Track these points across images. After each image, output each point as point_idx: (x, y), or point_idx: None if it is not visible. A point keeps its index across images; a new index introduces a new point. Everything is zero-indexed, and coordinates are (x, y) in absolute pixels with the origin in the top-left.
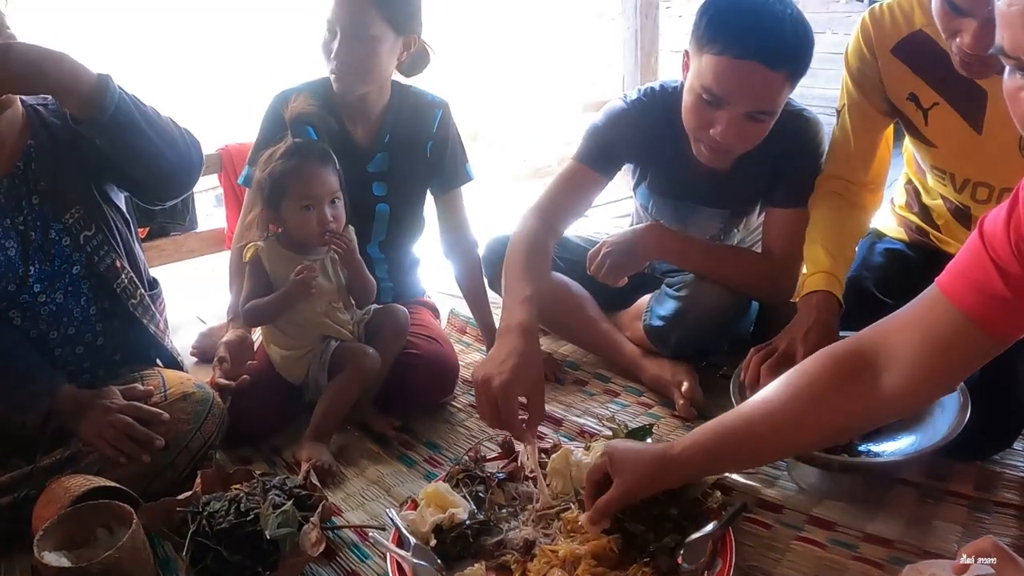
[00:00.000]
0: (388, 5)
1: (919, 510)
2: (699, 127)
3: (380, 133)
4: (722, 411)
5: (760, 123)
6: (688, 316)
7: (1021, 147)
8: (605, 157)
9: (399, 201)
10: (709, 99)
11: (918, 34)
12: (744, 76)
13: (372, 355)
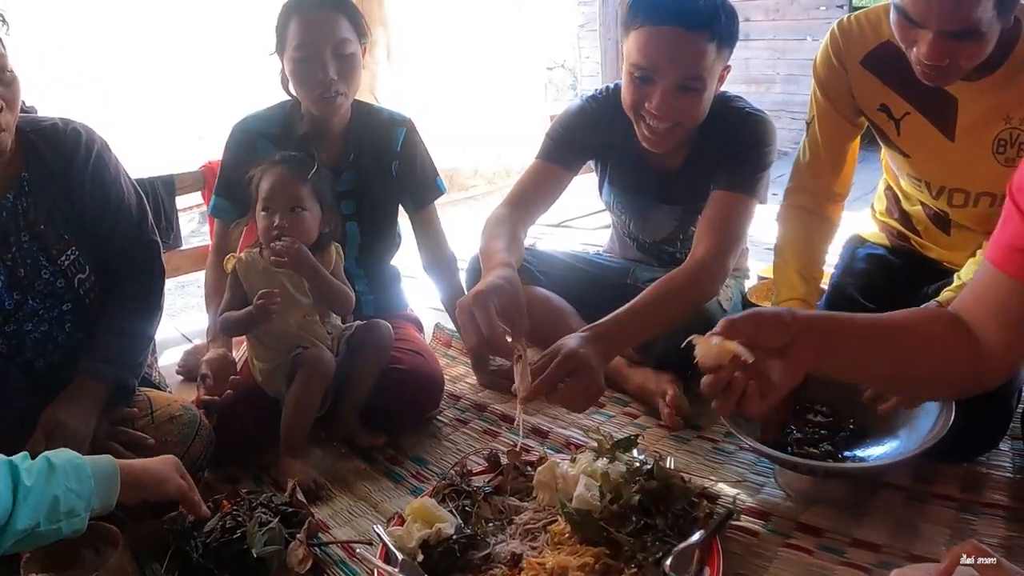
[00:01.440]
0: (353, 13)
1: (906, 514)
2: (635, 105)
3: (344, 152)
4: (708, 419)
5: (693, 93)
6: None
7: (994, 150)
8: (566, 153)
9: (368, 219)
10: (640, 75)
11: (887, 45)
12: (665, 42)
13: (326, 359)
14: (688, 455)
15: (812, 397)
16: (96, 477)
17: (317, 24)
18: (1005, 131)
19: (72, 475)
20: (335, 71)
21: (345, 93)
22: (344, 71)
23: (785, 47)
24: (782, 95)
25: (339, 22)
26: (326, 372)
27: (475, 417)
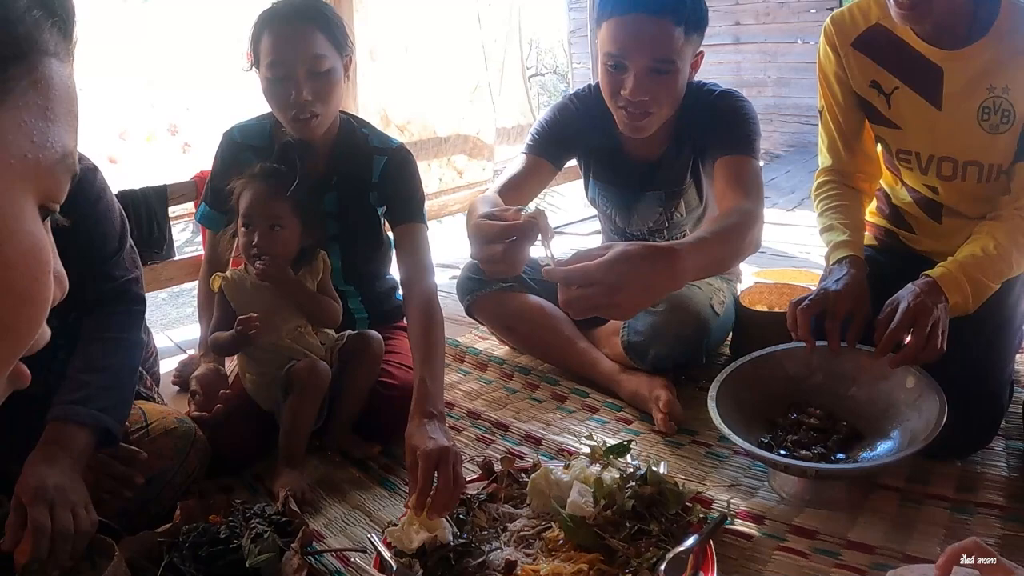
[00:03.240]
0: (329, 26)
1: (901, 514)
2: (612, 94)
3: (328, 172)
4: (702, 424)
5: (665, 75)
6: (666, 331)
7: (979, 118)
8: (550, 147)
9: (351, 240)
10: (613, 64)
11: (876, 27)
12: (633, 29)
13: (321, 369)
14: (682, 460)
15: (805, 400)
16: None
17: (290, 40)
18: (988, 99)
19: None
20: (310, 91)
21: (321, 113)
22: (319, 90)
23: (776, 50)
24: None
25: (314, 37)
26: (322, 383)
27: (469, 425)
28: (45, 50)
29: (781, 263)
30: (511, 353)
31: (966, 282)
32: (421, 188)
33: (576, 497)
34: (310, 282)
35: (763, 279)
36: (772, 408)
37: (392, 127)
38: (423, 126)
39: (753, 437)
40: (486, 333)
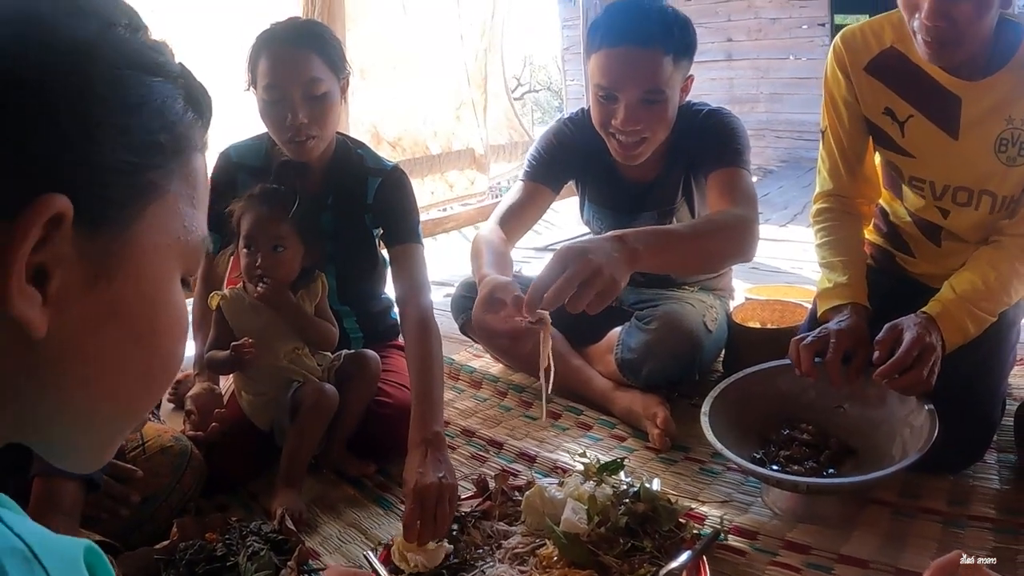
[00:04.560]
0: (326, 49)
1: (894, 528)
2: (603, 124)
3: (324, 192)
4: (695, 441)
5: (656, 105)
6: (659, 348)
7: (996, 149)
8: (547, 173)
9: (346, 260)
10: (604, 95)
11: (890, 51)
12: (623, 61)
13: (329, 393)
14: (676, 476)
15: (798, 416)
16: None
17: (287, 63)
18: (1007, 131)
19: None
20: (306, 114)
21: (317, 136)
22: (316, 113)
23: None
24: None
25: (311, 61)
26: (330, 406)
27: (463, 443)
28: (194, 145)
29: (774, 279)
30: (505, 371)
31: (968, 321)
32: (416, 208)
33: (570, 514)
34: (308, 304)
35: (755, 296)
36: (765, 424)
37: (384, 144)
38: (414, 141)
39: (746, 453)
40: (480, 351)
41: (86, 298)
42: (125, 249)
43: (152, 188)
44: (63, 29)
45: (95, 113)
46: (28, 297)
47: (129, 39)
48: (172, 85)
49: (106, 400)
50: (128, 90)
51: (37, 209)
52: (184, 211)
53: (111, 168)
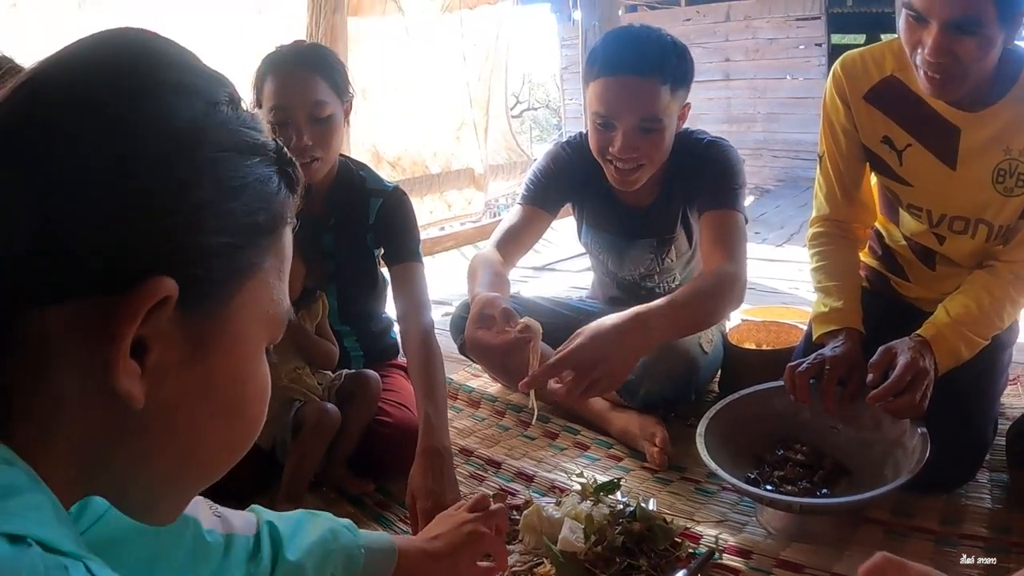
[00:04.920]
0: (331, 72)
1: (887, 547)
2: (601, 150)
3: (326, 214)
4: (691, 461)
5: (653, 133)
6: (656, 369)
7: (994, 180)
8: (544, 196)
9: (347, 280)
10: (602, 123)
11: (890, 79)
12: (621, 89)
13: (331, 412)
14: (671, 496)
15: (792, 437)
16: (367, 566)
17: (292, 86)
18: (1004, 162)
19: (343, 563)
20: (310, 136)
21: (322, 158)
22: (320, 135)
23: (766, 86)
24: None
25: (316, 83)
26: (332, 426)
27: (462, 462)
28: (286, 220)
29: (770, 299)
30: (503, 391)
31: (962, 345)
32: (416, 227)
33: (567, 533)
34: (309, 324)
35: (751, 317)
36: (759, 444)
37: (383, 163)
38: (413, 162)
39: (740, 473)
40: (479, 371)
41: (181, 371)
42: (220, 324)
43: (249, 266)
44: (171, 110)
45: (200, 197)
46: (130, 371)
47: (231, 118)
48: (268, 163)
49: (191, 465)
50: (230, 173)
51: (147, 290)
52: (273, 284)
53: (213, 250)
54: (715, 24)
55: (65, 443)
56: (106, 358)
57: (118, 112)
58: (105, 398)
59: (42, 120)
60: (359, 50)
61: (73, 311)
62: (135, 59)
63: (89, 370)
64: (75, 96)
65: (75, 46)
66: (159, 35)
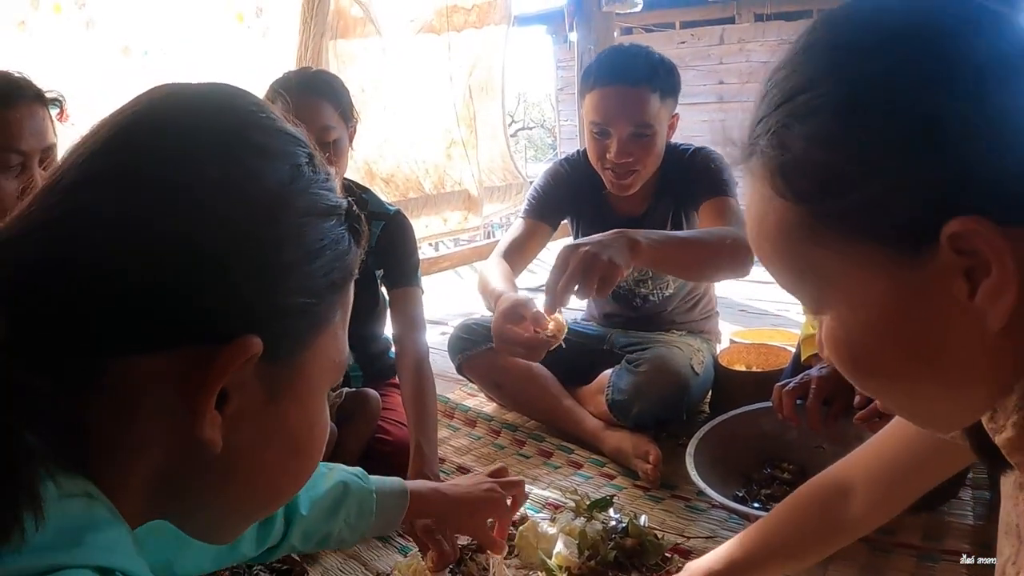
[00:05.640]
0: (337, 98)
1: (870, 562)
2: (598, 158)
3: None
4: (681, 479)
5: (645, 139)
6: (648, 389)
7: None
8: (545, 210)
9: None
10: (598, 131)
11: None
12: (614, 98)
13: (331, 431)
14: (662, 513)
15: (779, 456)
16: (380, 509)
17: (300, 111)
18: None
19: (355, 509)
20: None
21: None
22: (327, 159)
23: None
24: None
25: (323, 109)
26: (331, 443)
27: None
28: (353, 275)
29: (760, 321)
30: (499, 410)
31: None
32: (416, 252)
33: (562, 548)
34: None
35: (741, 339)
36: (748, 463)
37: (377, 180)
38: (406, 178)
39: (729, 491)
40: (475, 390)
41: (257, 417)
42: (294, 374)
43: (322, 321)
44: (261, 175)
45: (286, 260)
46: (212, 420)
47: (311, 180)
48: (341, 223)
49: (258, 498)
50: (311, 236)
51: (237, 348)
52: (339, 335)
53: (295, 309)
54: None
55: (141, 480)
56: (192, 408)
57: (214, 178)
58: (184, 442)
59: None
60: (347, 71)
61: (163, 361)
62: (225, 120)
63: (172, 416)
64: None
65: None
66: (244, 93)
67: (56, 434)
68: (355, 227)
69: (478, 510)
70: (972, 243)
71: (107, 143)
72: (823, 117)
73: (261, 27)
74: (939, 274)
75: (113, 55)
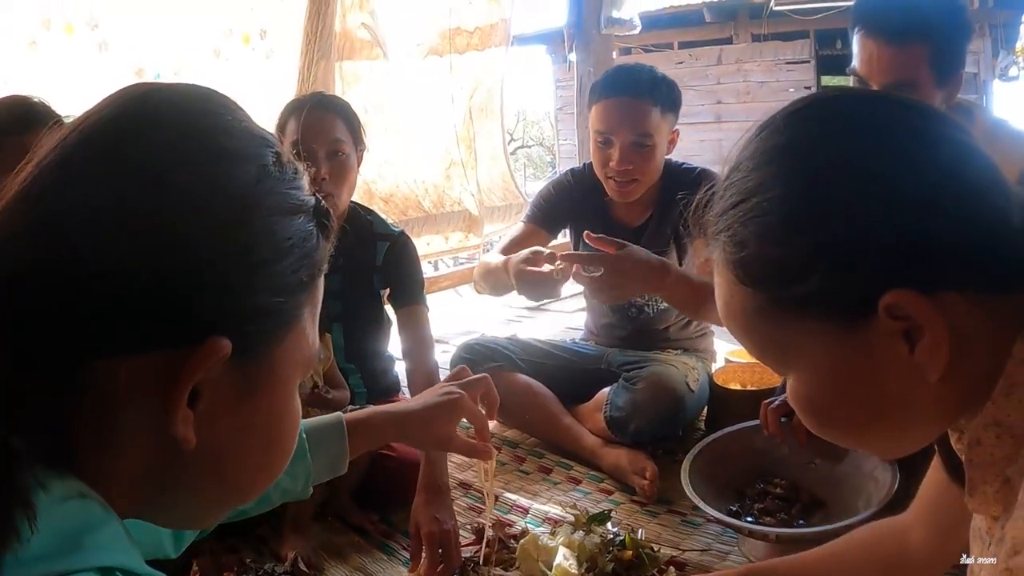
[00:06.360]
0: (349, 118)
1: None
2: (602, 165)
3: (335, 255)
4: (677, 495)
5: (645, 149)
6: (644, 406)
7: None
8: (547, 216)
9: (353, 320)
10: (602, 140)
11: None
12: (618, 109)
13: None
14: (659, 527)
15: (772, 472)
16: (314, 446)
17: (315, 124)
18: None
19: None
20: (327, 170)
21: (336, 194)
22: (336, 172)
23: None
24: None
25: (336, 124)
26: None
27: (461, 495)
28: (322, 270)
29: None
30: (499, 428)
31: None
32: (421, 271)
33: (561, 560)
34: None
35: (736, 359)
36: (741, 479)
37: (376, 199)
38: (405, 197)
39: (723, 506)
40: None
41: (229, 413)
42: (264, 370)
43: (291, 318)
44: (228, 178)
45: (254, 260)
46: (186, 418)
47: (279, 179)
48: (309, 219)
49: (233, 490)
50: (279, 235)
51: (207, 350)
52: (308, 330)
53: (263, 308)
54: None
55: (123, 478)
56: (165, 407)
57: (184, 182)
58: (160, 439)
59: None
60: (351, 92)
61: (137, 364)
62: (195, 124)
63: (148, 415)
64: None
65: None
66: (213, 94)
67: (40, 436)
68: (323, 222)
69: (435, 417)
70: (905, 311)
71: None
72: (773, 218)
73: (265, 49)
74: (881, 338)
75: (125, 78)
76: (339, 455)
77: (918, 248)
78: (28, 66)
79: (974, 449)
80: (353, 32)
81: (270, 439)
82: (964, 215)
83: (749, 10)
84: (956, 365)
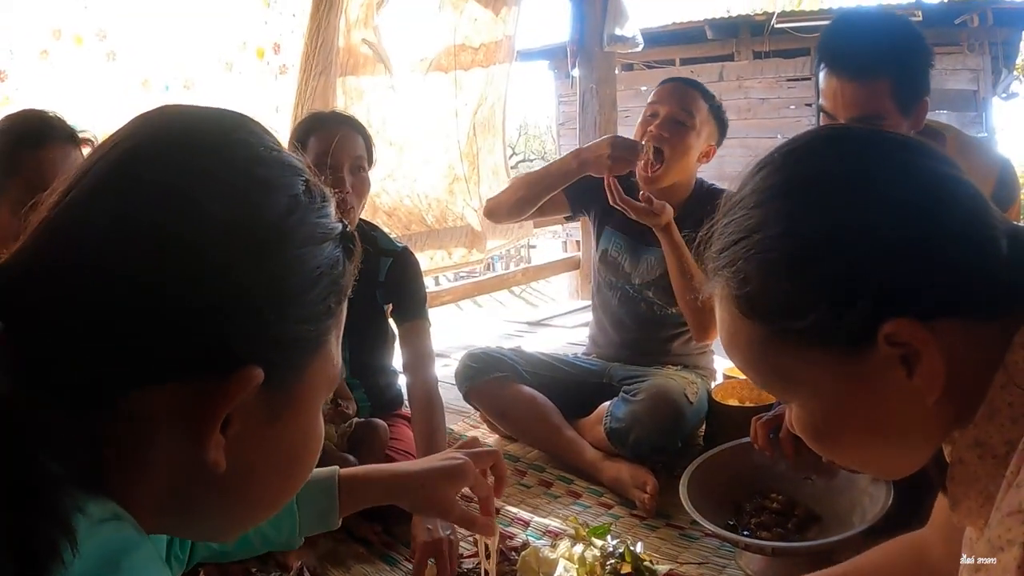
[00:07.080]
0: (367, 137)
1: None
2: (642, 134)
3: None
4: (676, 509)
5: (682, 127)
6: (644, 417)
7: None
8: (577, 191)
9: (358, 334)
10: (651, 113)
11: None
12: (671, 89)
13: (350, 461)
14: (658, 540)
15: (769, 487)
16: (301, 500)
17: (341, 140)
18: None
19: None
20: (351, 184)
21: (355, 207)
22: (358, 186)
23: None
24: None
25: (358, 141)
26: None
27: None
28: (347, 294)
29: None
30: (501, 441)
31: None
32: (423, 287)
33: (562, 572)
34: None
35: (734, 375)
36: (739, 494)
37: (380, 213)
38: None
39: (720, 520)
40: (478, 421)
41: (257, 437)
42: (292, 396)
43: (319, 343)
44: (258, 210)
45: (285, 290)
46: (217, 443)
47: (309, 209)
48: (336, 246)
49: (258, 506)
50: (308, 264)
51: (241, 379)
52: (334, 348)
53: (293, 338)
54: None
55: (150, 497)
56: (198, 433)
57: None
58: (191, 463)
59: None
60: (355, 107)
61: (172, 392)
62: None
63: (179, 439)
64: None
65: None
66: (245, 119)
67: (75, 460)
68: (348, 247)
69: (435, 481)
70: (902, 338)
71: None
72: (775, 255)
73: (279, 63)
74: (881, 364)
75: (134, 88)
76: (328, 510)
77: (915, 279)
78: (39, 75)
79: (956, 467)
80: (357, 48)
81: (295, 457)
82: (957, 246)
83: (751, 28)
84: (950, 386)
